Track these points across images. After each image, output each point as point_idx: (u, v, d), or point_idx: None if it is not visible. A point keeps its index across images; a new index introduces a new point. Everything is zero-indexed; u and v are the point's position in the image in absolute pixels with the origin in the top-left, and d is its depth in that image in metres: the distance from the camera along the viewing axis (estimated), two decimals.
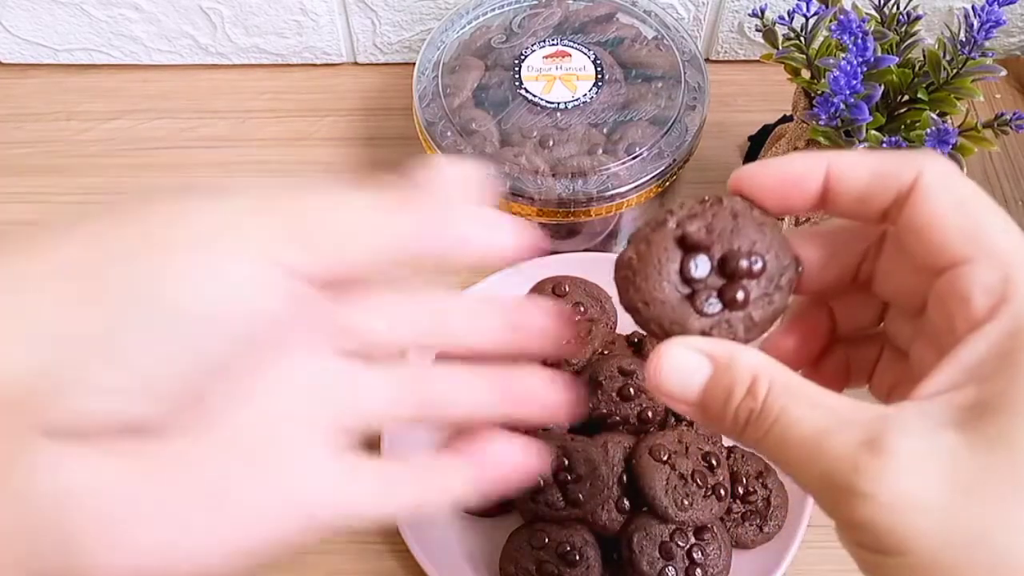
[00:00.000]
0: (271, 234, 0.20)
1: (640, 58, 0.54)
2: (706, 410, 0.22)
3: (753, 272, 0.24)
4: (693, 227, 0.25)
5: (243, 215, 0.20)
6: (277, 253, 0.20)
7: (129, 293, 0.19)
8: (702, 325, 0.24)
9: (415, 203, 0.22)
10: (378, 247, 0.22)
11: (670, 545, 0.42)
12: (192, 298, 0.19)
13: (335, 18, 0.61)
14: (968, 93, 0.44)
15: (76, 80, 0.64)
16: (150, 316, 0.19)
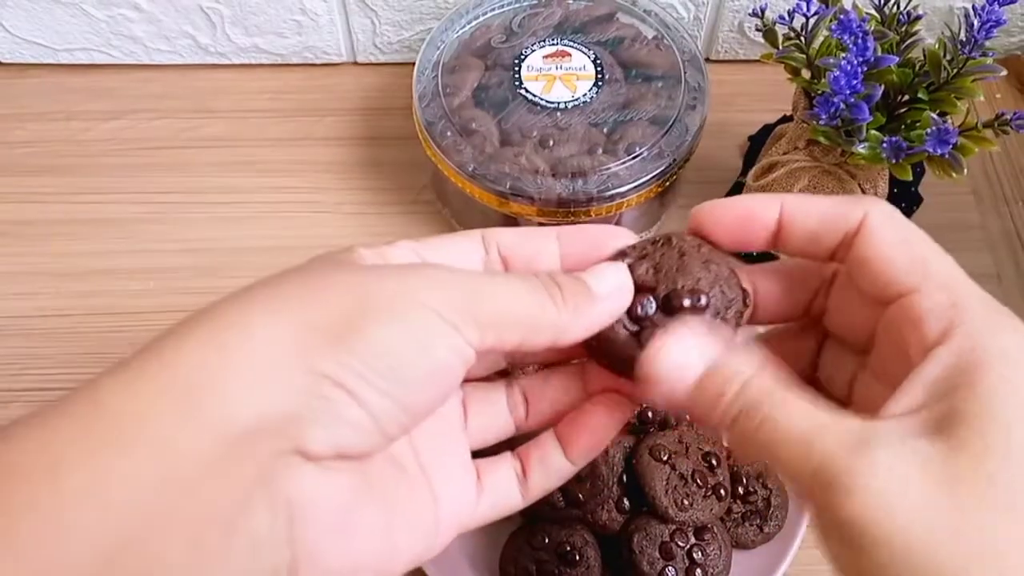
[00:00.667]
0: (453, 309, 0.24)
1: (640, 58, 0.54)
2: (696, 404, 0.25)
3: (696, 307, 0.26)
4: (641, 269, 0.27)
5: (423, 291, 0.24)
6: (458, 325, 0.24)
7: (360, 346, 0.22)
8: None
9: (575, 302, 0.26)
10: (533, 342, 0.25)
11: (670, 545, 0.42)
12: (415, 359, 0.23)
13: (335, 18, 0.61)
14: (968, 93, 0.44)
15: (76, 80, 0.64)
16: (381, 369, 0.22)
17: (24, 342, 0.53)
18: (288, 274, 0.25)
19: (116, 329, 0.54)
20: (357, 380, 0.22)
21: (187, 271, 0.56)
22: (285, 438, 0.21)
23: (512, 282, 0.25)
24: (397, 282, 0.24)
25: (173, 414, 0.20)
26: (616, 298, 0.27)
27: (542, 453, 0.29)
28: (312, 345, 0.22)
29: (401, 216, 0.58)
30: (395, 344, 0.23)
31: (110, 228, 0.57)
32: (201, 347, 0.22)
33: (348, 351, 0.22)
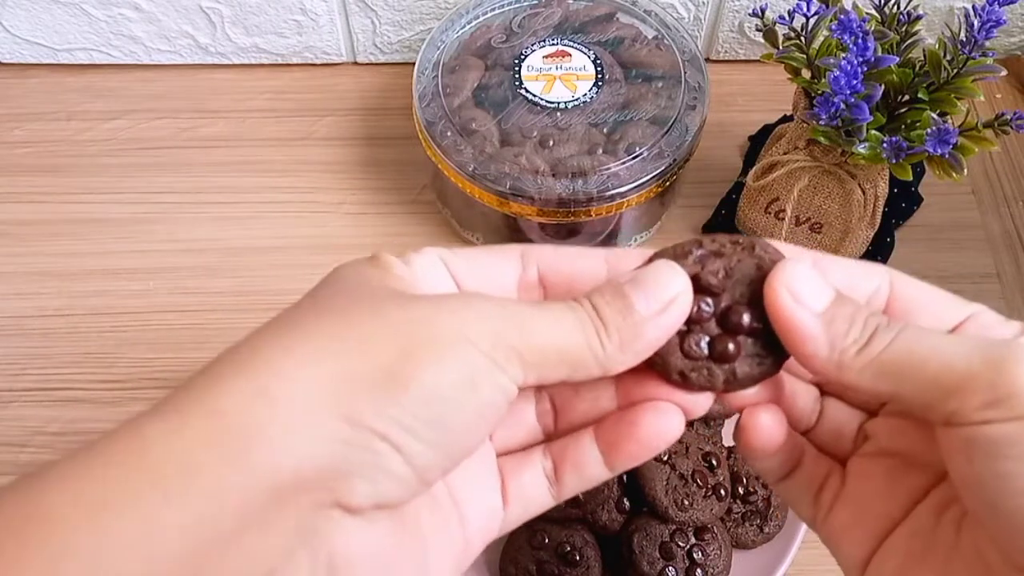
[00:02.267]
0: (499, 347, 0.23)
1: (640, 58, 0.54)
2: (827, 326, 0.24)
3: (752, 329, 0.25)
4: (711, 267, 0.25)
5: (471, 328, 0.23)
6: (503, 364, 0.23)
7: (407, 397, 0.22)
8: (682, 365, 0.25)
9: (619, 337, 0.24)
10: (578, 377, 0.24)
11: (670, 545, 0.42)
12: (463, 404, 0.22)
13: (335, 18, 0.61)
14: (969, 93, 0.44)
15: (76, 80, 0.64)
16: (429, 419, 0.22)
17: (24, 342, 0.53)
18: (324, 305, 0.24)
19: (116, 329, 0.54)
20: (402, 433, 0.22)
21: (187, 271, 0.56)
22: (327, 491, 0.21)
23: (558, 316, 0.24)
24: (444, 319, 0.23)
25: (219, 464, 0.20)
26: (671, 314, 0.25)
27: (579, 458, 0.27)
28: (356, 395, 0.21)
29: (401, 216, 0.58)
30: (443, 390, 0.22)
31: (110, 228, 0.57)
32: (245, 394, 0.21)
33: (394, 402, 0.21)
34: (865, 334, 0.24)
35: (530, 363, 0.23)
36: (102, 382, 0.52)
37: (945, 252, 0.56)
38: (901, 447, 0.27)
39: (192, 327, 0.53)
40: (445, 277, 0.26)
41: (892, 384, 0.23)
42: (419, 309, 0.23)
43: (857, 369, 0.24)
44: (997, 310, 0.61)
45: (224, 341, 0.22)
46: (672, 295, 0.25)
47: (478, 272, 0.26)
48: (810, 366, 0.24)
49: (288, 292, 0.57)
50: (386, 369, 0.22)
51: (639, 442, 0.26)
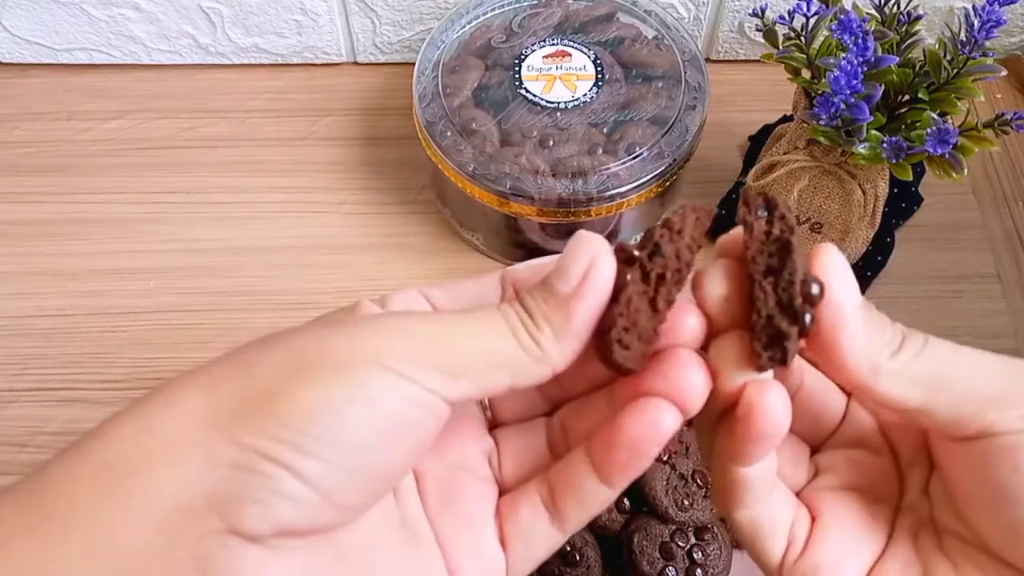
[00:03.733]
0: (410, 360, 0.22)
1: (640, 58, 0.54)
2: (864, 325, 0.23)
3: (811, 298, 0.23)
4: (648, 237, 0.24)
5: (374, 343, 0.22)
6: (416, 376, 0.22)
7: (288, 413, 0.21)
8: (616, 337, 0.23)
9: (549, 324, 0.23)
10: (526, 380, 0.23)
11: (670, 545, 0.42)
12: (359, 418, 0.21)
13: (335, 18, 0.61)
14: (969, 93, 0.44)
15: (76, 80, 0.64)
16: (317, 434, 0.21)
17: (23, 342, 0.53)
18: (238, 349, 0.23)
19: (116, 329, 0.54)
20: (292, 452, 0.20)
21: (187, 271, 0.56)
22: (217, 518, 0.20)
23: (480, 320, 0.23)
24: (347, 337, 0.22)
25: (104, 499, 0.20)
26: (591, 282, 0.23)
27: (573, 479, 0.25)
28: (240, 418, 0.21)
29: (401, 216, 0.58)
30: (329, 405, 0.21)
31: (110, 228, 0.57)
32: (129, 428, 0.21)
33: (276, 420, 0.20)
34: (896, 339, 0.23)
35: (455, 373, 0.22)
36: (101, 382, 0.52)
37: (945, 252, 0.56)
38: (864, 481, 0.27)
39: (192, 327, 0.53)
40: (426, 310, 0.26)
41: (925, 394, 0.23)
42: (320, 332, 0.22)
43: (890, 374, 0.23)
44: (997, 310, 0.61)
45: (223, 341, 0.23)
46: (585, 263, 0.23)
47: (462, 301, 0.26)
48: (840, 364, 0.23)
49: (288, 292, 0.58)
50: (269, 389, 0.21)
51: (627, 447, 0.23)
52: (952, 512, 0.25)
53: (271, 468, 0.20)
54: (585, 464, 0.24)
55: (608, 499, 0.25)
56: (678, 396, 0.23)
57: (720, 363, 0.24)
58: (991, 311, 0.53)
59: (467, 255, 0.56)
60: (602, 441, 0.24)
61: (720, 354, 0.24)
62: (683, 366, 0.23)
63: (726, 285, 0.24)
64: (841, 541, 0.26)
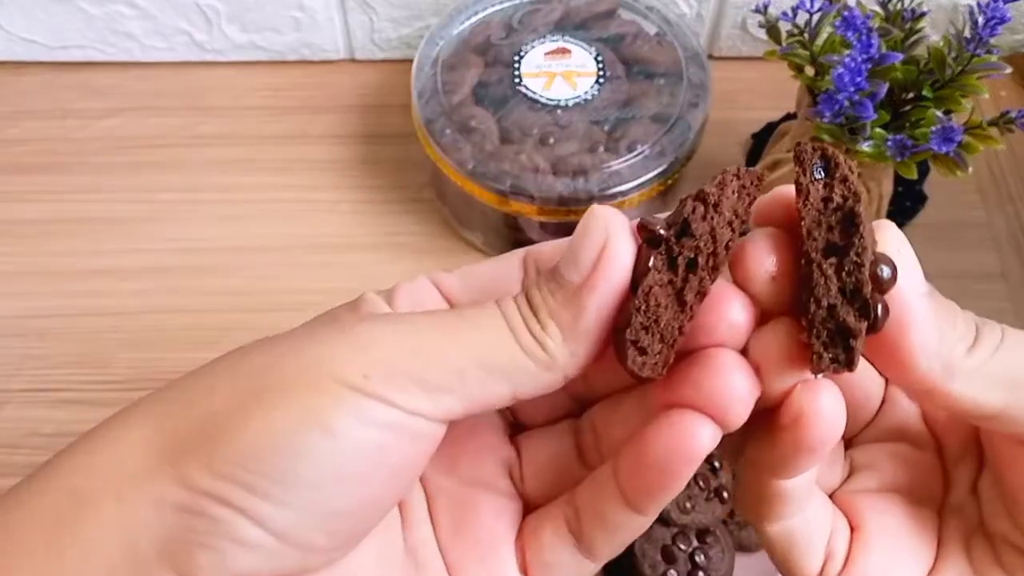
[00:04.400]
0: (381, 376, 0.19)
1: (642, 55, 0.54)
2: (934, 317, 0.20)
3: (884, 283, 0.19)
4: (679, 213, 0.20)
5: (335, 360, 0.19)
6: (388, 395, 0.19)
7: (234, 449, 0.18)
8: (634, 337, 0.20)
9: (557, 322, 0.20)
10: (532, 389, 0.20)
11: (672, 548, 0.41)
12: (317, 451, 0.18)
13: (332, 15, 0.61)
14: (974, 90, 0.44)
15: (71, 77, 0.63)
16: (268, 472, 0.18)
17: (19, 342, 0.53)
18: (202, 367, 0.20)
19: (112, 329, 0.53)
20: (240, 492, 0.18)
21: (184, 270, 0.55)
22: (169, 569, 0.18)
23: (473, 321, 0.20)
24: (296, 357, 0.19)
25: (51, 547, 0.18)
26: (604, 269, 0.19)
27: (597, 502, 0.21)
28: (185, 454, 0.18)
29: (400, 215, 0.57)
30: (278, 439, 0.18)
31: (106, 227, 0.57)
32: (74, 469, 0.19)
33: (221, 458, 0.18)
34: (970, 332, 0.20)
35: (441, 387, 0.19)
36: (98, 383, 0.51)
37: (950, 251, 0.56)
38: (907, 480, 0.24)
39: (189, 327, 0.53)
40: (437, 302, 0.23)
41: (1007, 395, 0.20)
42: (282, 346, 0.20)
43: (966, 374, 0.19)
44: (1002, 310, 0.60)
45: (221, 341, 0.22)
46: (597, 245, 0.19)
47: (476, 287, 0.23)
48: (907, 365, 0.19)
49: (286, 291, 0.57)
50: (217, 420, 0.18)
51: (653, 469, 0.19)
52: (1011, 522, 0.22)
53: (221, 512, 0.18)
54: (612, 485, 0.21)
55: (640, 527, 0.21)
56: (715, 408, 0.19)
57: (764, 361, 0.20)
58: (996, 311, 0.53)
59: (466, 254, 0.56)
60: (627, 460, 0.20)
61: (764, 350, 0.20)
62: (720, 371, 0.19)
63: (774, 261, 0.19)
64: (887, 554, 0.23)
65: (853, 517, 0.23)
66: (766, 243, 0.20)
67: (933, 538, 0.23)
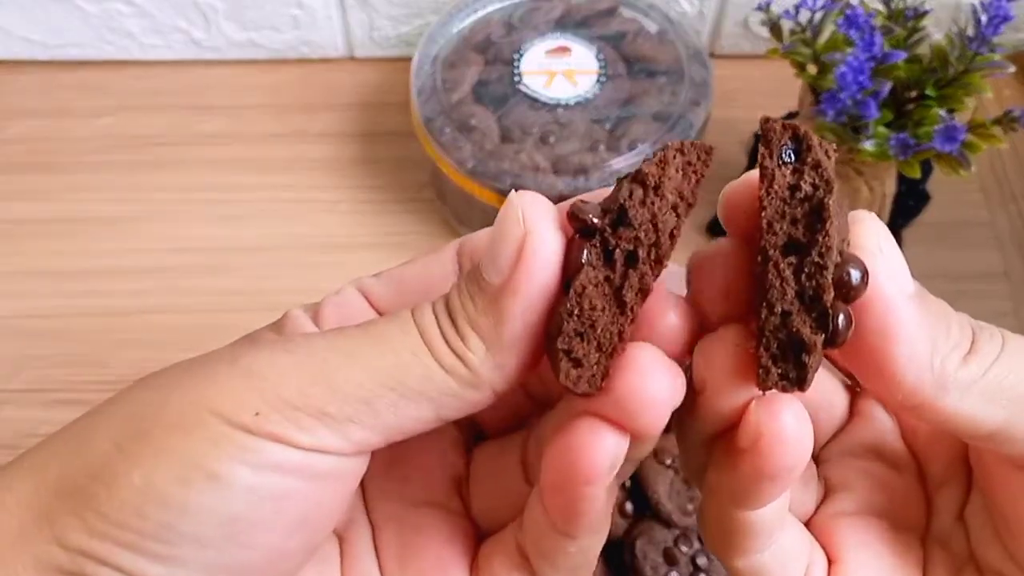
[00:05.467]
0: (273, 410, 0.17)
1: (643, 53, 0.54)
2: (926, 316, 0.18)
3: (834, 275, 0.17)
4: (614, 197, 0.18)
5: (219, 396, 0.17)
6: (283, 433, 0.17)
7: (112, 505, 0.16)
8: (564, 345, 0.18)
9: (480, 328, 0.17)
10: (459, 408, 0.18)
11: (674, 551, 0.41)
12: (204, 502, 0.16)
13: (332, 12, 0.61)
14: (977, 89, 0.44)
15: (69, 76, 0.63)
16: (152, 530, 0.16)
17: (17, 343, 0.52)
18: (93, 408, 0.19)
19: (110, 329, 0.53)
20: (121, 552, 0.16)
21: (182, 270, 0.55)
22: None
23: (380, 336, 0.17)
24: (179, 393, 0.17)
25: None
26: (525, 268, 0.17)
27: (532, 527, 0.19)
28: (64, 511, 0.16)
29: (400, 214, 0.57)
30: (156, 491, 0.16)
31: (104, 227, 0.57)
32: None
33: (99, 513, 0.16)
34: (966, 339, 0.17)
35: (349, 418, 0.17)
36: (96, 383, 0.51)
37: (953, 251, 0.56)
38: (885, 503, 0.21)
39: (187, 327, 0.53)
40: (366, 314, 0.21)
41: (1007, 412, 0.17)
42: (167, 384, 0.18)
43: (961, 388, 0.17)
44: (1004, 310, 0.60)
45: (218, 342, 0.21)
46: (515, 240, 0.17)
47: (407, 292, 0.21)
48: (891, 379, 0.17)
49: (284, 291, 0.57)
50: (94, 473, 0.16)
51: (555, 488, 0.17)
52: (1005, 553, 0.20)
53: (104, 573, 0.16)
54: (540, 507, 0.18)
55: (582, 551, 0.18)
56: (621, 413, 0.17)
57: (707, 373, 0.17)
58: (999, 311, 0.52)
59: None
60: (541, 478, 0.18)
61: (708, 360, 0.17)
62: (631, 369, 0.17)
63: (728, 264, 0.17)
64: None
65: (831, 548, 0.21)
66: (718, 260, 0.18)
67: (918, 571, 0.21)
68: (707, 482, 0.19)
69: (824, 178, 0.17)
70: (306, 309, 0.21)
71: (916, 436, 0.22)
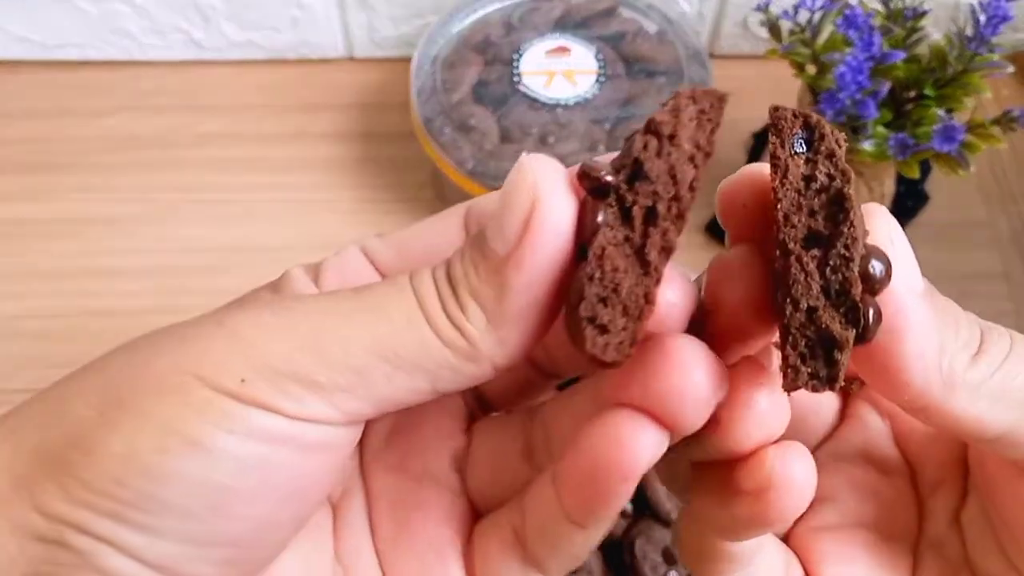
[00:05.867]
0: (261, 377, 0.16)
1: (643, 53, 0.54)
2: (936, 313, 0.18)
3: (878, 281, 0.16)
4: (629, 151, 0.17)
5: (205, 361, 0.16)
6: (271, 399, 0.16)
7: (92, 471, 0.16)
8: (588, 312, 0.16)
9: (482, 300, 0.16)
10: (457, 381, 0.17)
11: (673, 550, 0.41)
12: (185, 470, 0.16)
13: (331, 13, 0.61)
14: (976, 89, 0.44)
15: (68, 76, 0.63)
16: (132, 498, 0.16)
17: (16, 343, 0.52)
18: (74, 372, 0.18)
19: (110, 330, 0.53)
20: (103, 520, 0.16)
21: (183, 270, 0.55)
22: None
23: (376, 303, 0.16)
24: (169, 356, 0.16)
25: None
26: (534, 236, 0.15)
27: (539, 513, 0.18)
28: (43, 477, 0.16)
29: (399, 215, 0.57)
30: (137, 458, 0.15)
31: (103, 227, 0.57)
32: None
33: (80, 482, 0.15)
34: (974, 338, 0.17)
35: (339, 387, 0.16)
36: None
37: (951, 251, 0.56)
38: (875, 512, 0.21)
39: None
40: (369, 277, 0.20)
41: (1016, 412, 0.17)
42: (150, 347, 0.17)
43: (971, 387, 0.16)
44: (1004, 311, 0.60)
45: None
46: (523, 208, 0.16)
47: (411, 254, 0.20)
48: (900, 378, 0.16)
49: None
50: (74, 439, 0.16)
51: (587, 481, 0.16)
52: (1007, 562, 0.19)
53: (84, 542, 0.16)
54: (552, 494, 0.18)
55: (587, 542, 0.18)
56: (662, 410, 0.16)
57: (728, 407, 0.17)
58: (998, 311, 0.52)
59: None
60: (564, 468, 0.17)
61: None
62: (674, 364, 0.16)
63: (744, 288, 0.17)
64: None
65: (810, 564, 0.20)
66: (734, 267, 0.17)
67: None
68: (692, 505, 0.19)
69: (840, 167, 0.16)
70: (307, 269, 0.20)
71: (909, 440, 0.22)
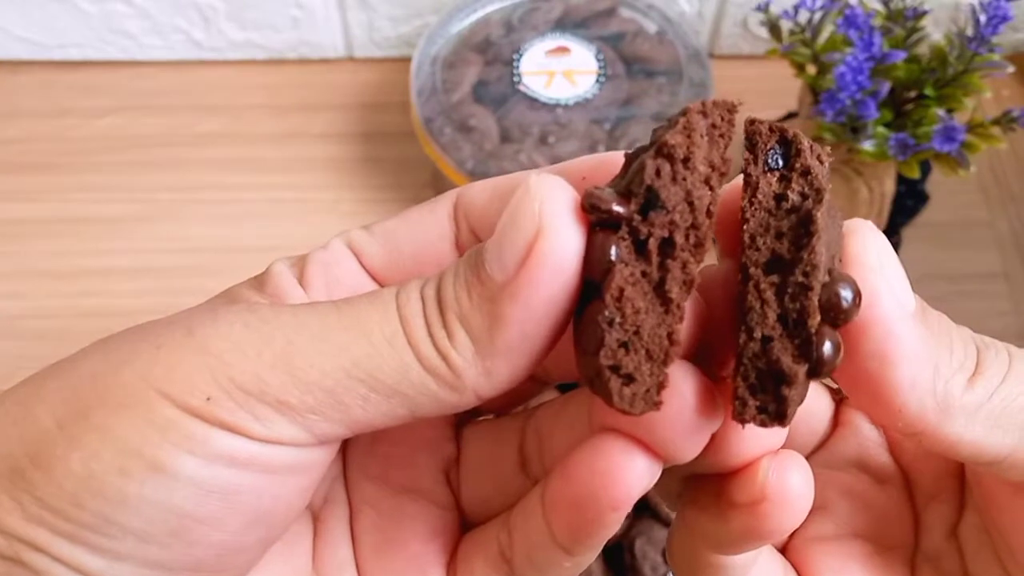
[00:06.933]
0: (229, 397, 0.15)
1: (642, 53, 0.54)
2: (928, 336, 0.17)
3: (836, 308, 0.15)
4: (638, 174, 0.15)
5: (179, 368, 0.15)
6: (239, 422, 0.15)
7: (50, 489, 0.15)
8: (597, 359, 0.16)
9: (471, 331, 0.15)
10: (433, 409, 0.16)
11: None
12: (144, 493, 0.15)
13: (331, 13, 0.61)
14: (976, 89, 0.44)
15: (68, 76, 0.63)
16: (89, 520, 0.15)
17: (15, 343, 0.52)
18: (32, 376, 0.17)
19: (110, 329, 0.52)
20: (59, 540, 0.15)
21: (181, 271, 0.55)
22: None
23: (356, 321, 0.15)
24: (132, 366, 0.15)
25: None
26: (534, 268, 0.14)
27: (526, 532, 0.17)
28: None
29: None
30: (94, 479, 0.14)
31: (103, 227, 0.57)
32: None
33: (36, 499, 0.15)
34: (970, 358, 0.16)
35: (308, 408, 0.15)
36: None
37: (952, 251, 0.56)
38: (870, 523, 0.20)
39: None
40: (355, 275, 0.19)
41: (1016, 436, 0.16)
42: (120, 351, 0.16)
43: (967, 412, 0.15)
44: (1004, 311, 0.60)
45: None
46: (526, 236, 0.14)
47: (399, 251, 0.18)
48: (891, 405, 0.15)
49: None
50: (33, 451, 0.15)
51: (574, 507, 0.16)
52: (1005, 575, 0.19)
53: (41, 561, 0.15)
54: (540, 514, 0.17)
55: (575, 568, 0.17)
56: (655, 438, 0.15)
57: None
58: (997, 311, 0.52)
59: None
60: (552, 489, 0.16)
61: None
62: (670, 390, 0.15)
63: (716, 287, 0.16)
64: None
65: (814, 572, 0.20)
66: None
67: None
68: (683, 517, 0.18)
69: (814, 186, 0.15)
70: (292, 264, 0.19)
71: (904, 449, 0.21)
